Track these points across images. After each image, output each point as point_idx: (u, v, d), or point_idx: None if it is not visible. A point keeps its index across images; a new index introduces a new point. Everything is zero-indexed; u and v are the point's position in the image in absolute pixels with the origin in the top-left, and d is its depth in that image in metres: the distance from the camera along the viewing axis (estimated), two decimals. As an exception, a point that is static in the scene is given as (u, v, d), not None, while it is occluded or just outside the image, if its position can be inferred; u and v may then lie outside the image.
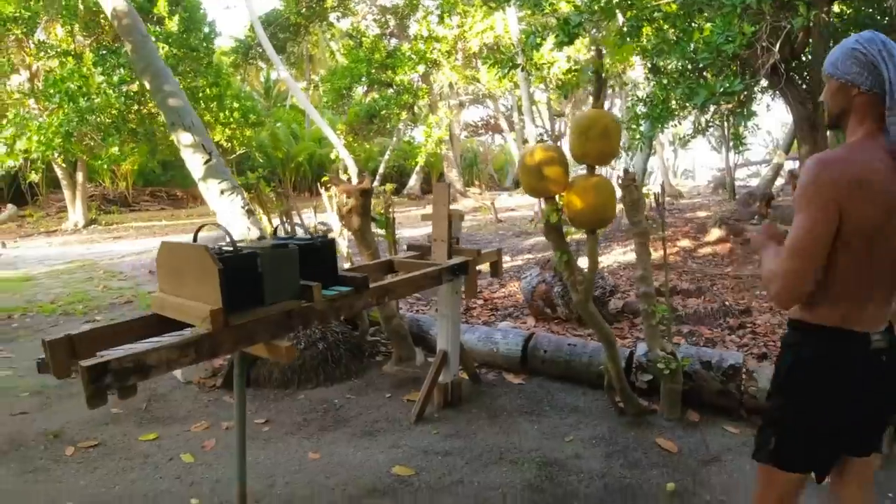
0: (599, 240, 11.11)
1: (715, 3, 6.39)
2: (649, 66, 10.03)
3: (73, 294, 7.14)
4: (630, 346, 3.97)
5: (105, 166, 15.70)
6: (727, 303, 5.61)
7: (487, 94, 19.49)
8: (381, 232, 4.55)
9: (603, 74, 2.79)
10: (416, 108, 17.12)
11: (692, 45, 6.51)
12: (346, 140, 15.85)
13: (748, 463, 2.78)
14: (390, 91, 16.05)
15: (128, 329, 2.19)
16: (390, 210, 4.53)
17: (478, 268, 3.55)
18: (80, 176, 16.15)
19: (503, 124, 22.00)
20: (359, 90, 16.08)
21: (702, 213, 14.14)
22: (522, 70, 8.02)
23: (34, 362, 2.06)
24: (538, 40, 7.44)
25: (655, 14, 7.15)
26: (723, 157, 32.10)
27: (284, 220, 4.91)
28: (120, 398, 1.84)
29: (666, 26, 7.52)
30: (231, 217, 4.28)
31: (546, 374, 3.90)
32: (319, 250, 2.45)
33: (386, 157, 19.97)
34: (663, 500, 2.53)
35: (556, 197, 2.79)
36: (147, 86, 6.06)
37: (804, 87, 8.39)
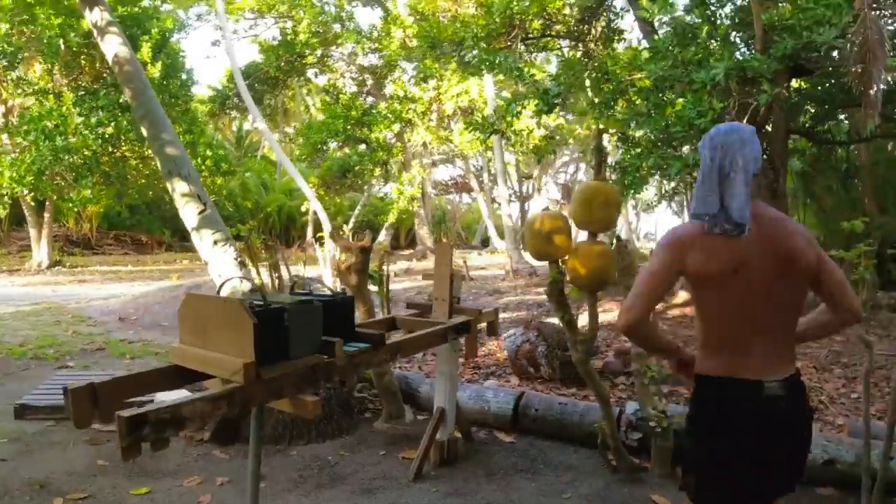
0: (571, 299, 11.34)
1: (686, 80, 6.87)
2: (619, 135, 10.61)
3: (41, 337, 6.92)
4: (618, 405, 4.08)
5: (74, 207, 15.42)
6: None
7: (459, 155, 20.05)
8: (374, 288, 4.63)
9: (604, 149, 3.02)
10: (388, 165, 17.46)
11: (665, 119, 6.93)
12: (317, 193, 16.02)
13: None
14: (362, 147, 16.39)
15: (149, 379, 2.21)
16: (384, 267, 4.63)
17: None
18: (46, 215, 15.81)
19: (474, 184, 22.55)
20: (332, 145, 16.37)
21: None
22: (502, 136, 8.37)
23: (10, 406, 2.05)
24: (518, 108, 7.82)
25: (630, 88, 7.62)
26: (683, 222, 33.54)
27: (274, 273, 4.94)
28: (154, 450, 1.85)
29: (638, 100, 8.01)
30: (223, 268, 4.30)
31: (537, 433, 3.96)
32: (340, 306, 2.53)
33: (356, 211, 20.14)
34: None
35: (559, 261, 2.96)
36: (144, 132, 6.12)
37: (765, 157, 8.95)
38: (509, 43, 8.33)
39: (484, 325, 3.76)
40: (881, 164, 10.82)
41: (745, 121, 7.02)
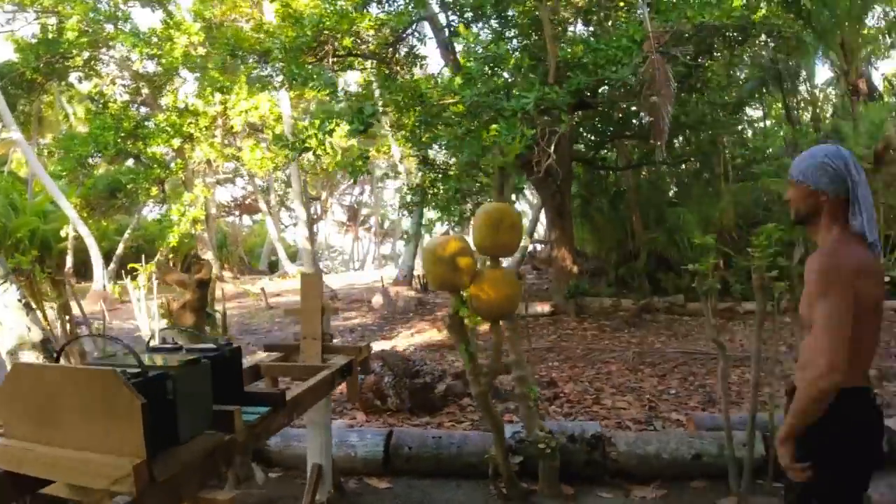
0: (383, 323, 11.10)
1: (497, 107, 7.20)
2: (421, 157, 10.82)
3: None
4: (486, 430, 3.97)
5: None
6: (541, 376, 6.04)
7: (241, 174, 18.75)
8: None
9: (507, 171, 2.90)
10: (166, 185, 15.61)
11: (481, 144, 7.17)
12: (80, 215, 13.61)
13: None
14: (130, 163, 14.39)
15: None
16: (215, 300, 3.94)
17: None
18: None
19: (262, 205, 21.26)
20: (98, 159, 14.11)
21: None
22: (314, 154, 7.94)
23: None
24: (331, 126, 7.48)
25: (444, 112, 7.77)
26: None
27: (64, 316, 3.92)
28: None
29: (449, 125, 8.20)
30: (5, 314, 3.19)
31: (413, 473, 3.65)
32: (228, 362, 1.98)
33: (125, 236, 17.60)
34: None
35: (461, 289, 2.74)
36: None
37: (554, 181, 9.78)
38: (318, 58, 7.96)
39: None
40: (644, 188, 12.67)
41: (552, 148, 7.62)
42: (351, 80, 15.23)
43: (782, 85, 12.34)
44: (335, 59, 8.56)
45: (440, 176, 10.87)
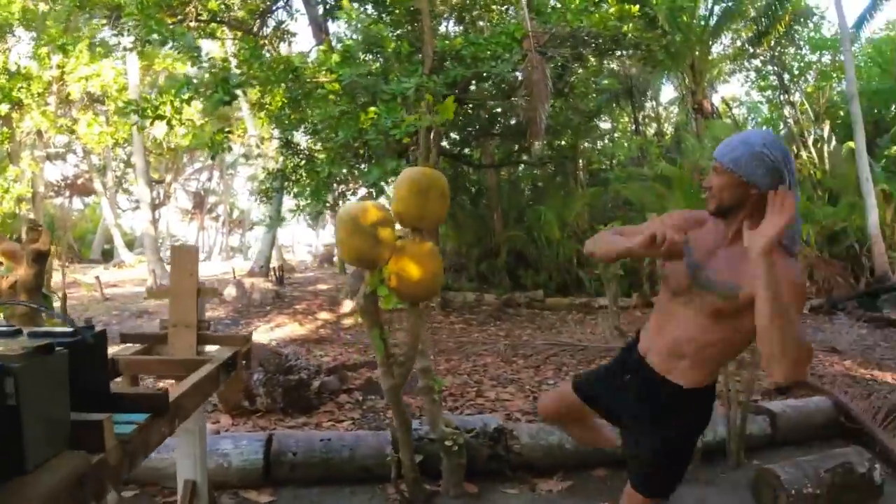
0: (237, 316, 10.27)
1: (376, 90, 6.88)
2: (284, 140, 10.12)
3: None
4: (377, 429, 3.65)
5: None
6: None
7: (79, 150, 16.40)
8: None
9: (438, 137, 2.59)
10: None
11: (359, 126, 6.80)
12: None
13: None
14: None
15: None
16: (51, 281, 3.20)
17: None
18: None
19: (97, 186, 18.64)
20: None
21: (322, 286, 14.67)
22: (168, 124, 6.99)
23: None
24: (189, 94, 6.64)
25: (318, 90, 7.27)
26: (317, 234, 34.53)
27: None
28: None
29: (323, 104, 7.69)
30: None
31: (298, 482, 3.22)
32: (92, 353, 1.47)
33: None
34: None
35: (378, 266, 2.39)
36: None
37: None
38: (178, 19, 7.03)
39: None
40: (504, 187, 13.01)
41: (432, 136, 7.44)
42: (210, 53, 13.89)
43: (633, 99, 13.35)
44: (197, 24, 7.65)
45: (303, 161, 10.27)
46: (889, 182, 10.93)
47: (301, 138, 9.91)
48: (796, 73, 14.72)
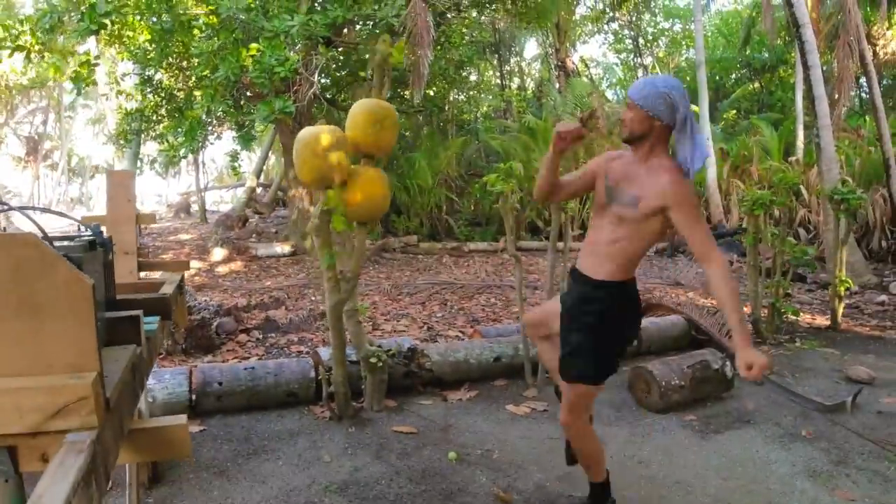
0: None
1: (257, 25, 6.62)
2: (144, 75, 9.32)
3: None
4: (295, 357, 3.78)
5: None
6: (311, 309, 5.91)
7: None
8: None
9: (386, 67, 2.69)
10: None
11: (240, 63, 6.54)
12: None
13: (469, 418, 3.21)
14: None
15: None
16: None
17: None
18: None
19: None
20: None
21: (184, 236, 13.88)
22: (27, 55, 6.14)
23: None
24: (53, 22, 5.89)
25: (194, 22, 6.81)
26: (167, 183, 31.93)
27: None
28: None
29: (199, 40, 7.24)
30: None
31: (224, 412, 3.29)
32: (105, 253, 1.52)
33: None
34: (452, 466, 2.68)
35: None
36: None
37: (294, 119, 9.46)
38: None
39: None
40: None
41: (316, 77, 7.30)
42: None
43: (499, 53, 13.87)
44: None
45: (164, 100, 9.55)
46: (726, 142, 12.53)
47: (164, 76, 9.17)
48: (650, 38, 16.13)
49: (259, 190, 16.20)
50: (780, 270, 4.98)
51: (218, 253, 10.24)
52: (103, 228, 1.57)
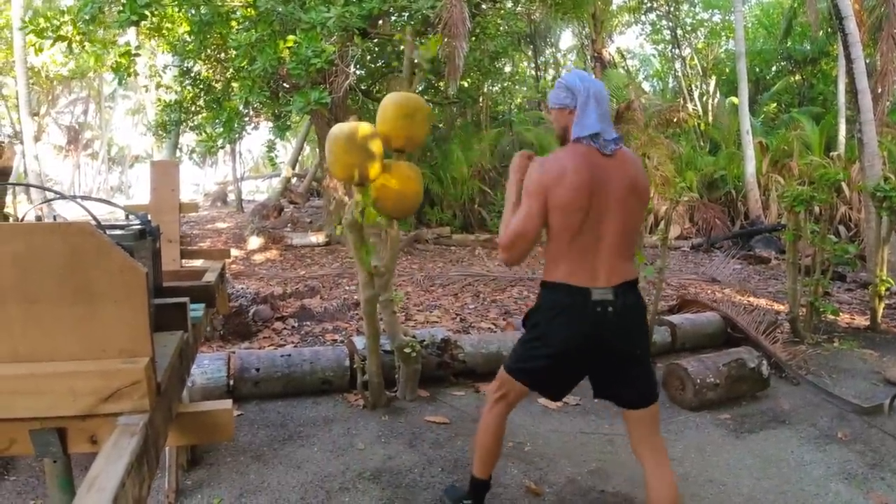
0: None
1: (294, 17, 6.70)
2: (183, 67, 9.51)
3: None
4: (329, 346, 3.86)
5: None
6: (345, 298, 6.00)
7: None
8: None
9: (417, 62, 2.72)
10: None
11: (278, 55, 6.62)
12: None
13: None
14: None
15: None
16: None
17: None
18: None
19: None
20: None
21: (221, 225, 14.20)
22: (69, 45, 6.35)
23: None
24: (93, 12, 6.08)
25: (232, 14, 6.93)
26: (204, 173, 32.61)
27: None
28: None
29: (238, 28, 7.36)
30: None
31: (261, 397, 3.39)
32: (153, 241, 1.59)
33: None
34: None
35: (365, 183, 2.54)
36: None
37: (330, 110, 9.55)
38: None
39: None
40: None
41: (352, 68, 7.36)
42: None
43: (534, 44, 13.74)
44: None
45: (202, 91, 9.73)
46: (766, 136, 12.21)
47: (202, 68, 9.35)
48: (689, 29, 15.79)
49: (294, 180, 16.44)
50: (819, 269, 4.87)
51: (254, 241, 10.45)
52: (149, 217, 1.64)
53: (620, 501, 2.46)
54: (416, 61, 2.82)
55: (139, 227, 1.40)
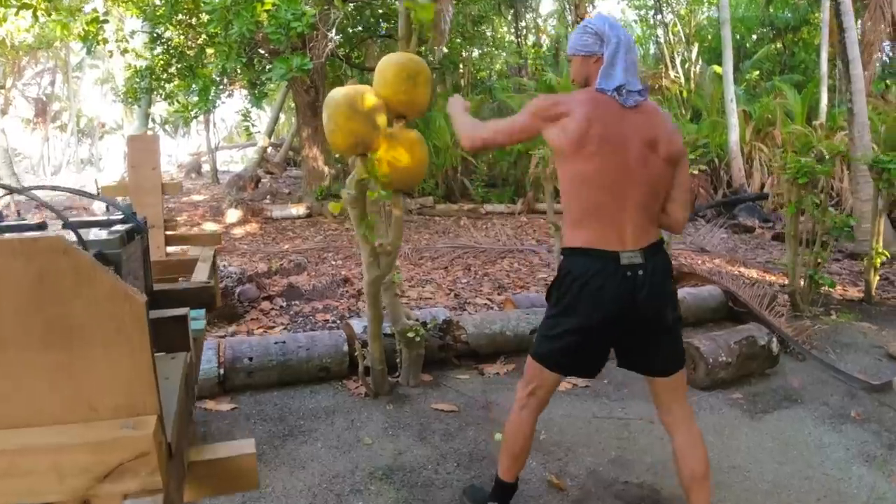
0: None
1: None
2: (153, 33, 9.00)
3: None
4: (323, 328, 3.66)
5: None
6: (332, 275, 5.79)
7: None
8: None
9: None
10: None
11: (255, 18, 6.25)
12: None
13: (509, 394, 3.09)
14: None
15: None
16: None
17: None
18: None
19: None
20: None
21: (197, 197, 13.73)
22: (34, 13, 5.86)
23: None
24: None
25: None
26: (177, 143, 31.58)
27: None
28: None
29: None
30: None
31: (255, 388, 3.19)
32: (143, 240, 1.36)
33: None
34: (499, 448, 2.57)
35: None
36: None
37: (309, 76, 9.13)
38: None
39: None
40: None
41: (333, 34, 6.99)
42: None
43: (515, 8, 13.35)
44: None
45: (174, 58, 9.24)
46: (749, 104, 12.12)
47: (173, 34, 8.85)
48: (672, -6, 15.54)
49: (269, 149, 15.94)
50: (819, 241, 4.79)
51: (232, 215, 10.09)
52: (128, 200, 1.42)
53: (646, 493, 2.35)
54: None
55: (123, 223, 1.17)
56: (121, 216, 1.29)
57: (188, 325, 1.25)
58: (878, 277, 5.35)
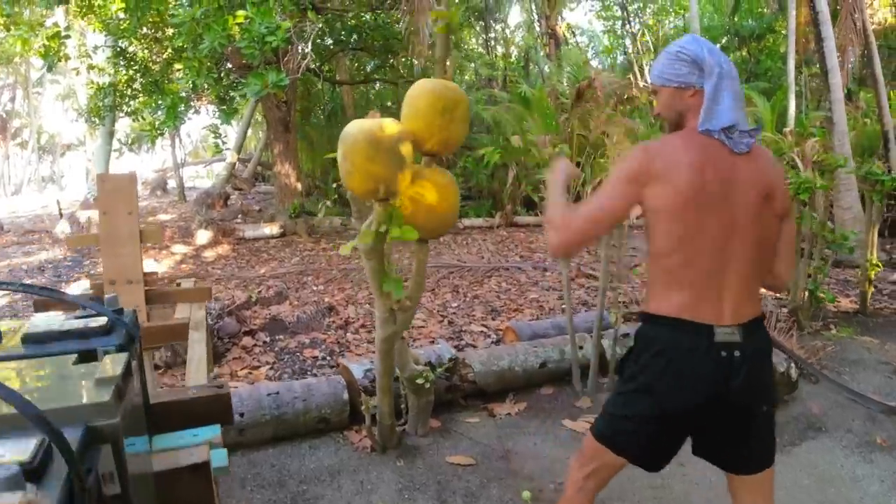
0: (79, 257, 8.90)
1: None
2: (117, 48, 8.59)
3: None
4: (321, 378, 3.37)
5: None
6: (315, 302, 5.50)
7: None
8: None
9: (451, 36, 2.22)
10: None
11: (228, 32, 5.95)
12: None
13: (527, 440, 2.88)
14: None
15: None
16: None
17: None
18: None
19: None
20: None
21: (164, 216, 13.21)
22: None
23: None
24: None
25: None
26: (140, 159, 30.60)
27: None
28: None
29: (174, 3, 6.61)
30: None
31: (248, 446, 2.88)
32: (138, 348, 1.10)
33: None
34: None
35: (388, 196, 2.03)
36: None
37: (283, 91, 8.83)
38: None
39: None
40: (361, 104, 12.41)
41: (310, 48, 6.73)
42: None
43: (485, 20, 13.26)
44: None
45: (139, 74, 8.83)
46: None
47: (138, 48, 8.45)
48: (640, 4, 15.65)
49: (237, 165, 15.47)
50: (819, 256, 4.72)
51: (202, 236, 9.67)
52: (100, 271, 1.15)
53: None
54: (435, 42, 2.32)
55: (109, 334, 0.90)
56: (103, 321, 1.02)
57: (210, 476, 0.98)
58: (872, 289, 5.32)
